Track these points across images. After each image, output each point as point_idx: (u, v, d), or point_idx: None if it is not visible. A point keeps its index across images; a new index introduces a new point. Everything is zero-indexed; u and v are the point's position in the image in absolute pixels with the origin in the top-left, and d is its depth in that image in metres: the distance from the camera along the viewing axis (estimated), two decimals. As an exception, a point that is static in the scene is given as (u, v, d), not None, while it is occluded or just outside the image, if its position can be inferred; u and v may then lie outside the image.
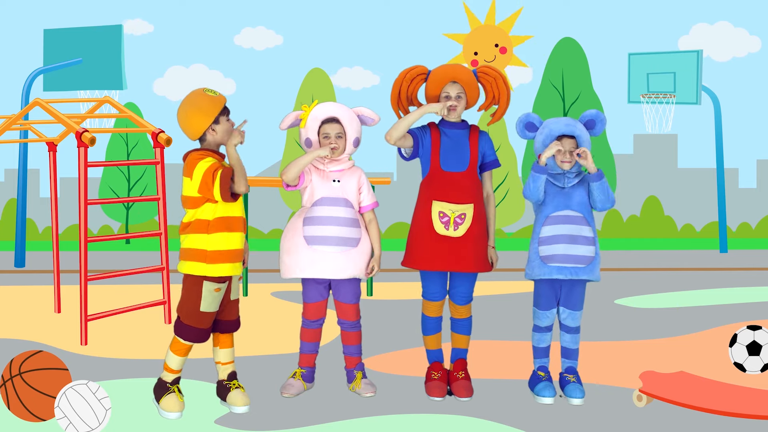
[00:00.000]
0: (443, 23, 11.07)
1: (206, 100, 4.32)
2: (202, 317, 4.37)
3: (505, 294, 7.72)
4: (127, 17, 11.96)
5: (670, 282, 8.71)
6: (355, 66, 12.01)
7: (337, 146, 4.63)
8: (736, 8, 11.99)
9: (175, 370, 4.48)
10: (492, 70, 4.64)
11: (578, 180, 4.69)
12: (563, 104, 11.92)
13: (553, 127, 4.63)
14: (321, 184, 4.67)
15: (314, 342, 4.85)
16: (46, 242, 11.65)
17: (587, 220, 4.63)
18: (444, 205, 4.57)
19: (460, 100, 4.61)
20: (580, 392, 4.63)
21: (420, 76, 4.68)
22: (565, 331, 4.74)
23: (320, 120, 4.66)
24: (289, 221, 4.79)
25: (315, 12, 11.97)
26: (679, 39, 12.00)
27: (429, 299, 4.72)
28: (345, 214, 4.67)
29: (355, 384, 4.83)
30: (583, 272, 4.61)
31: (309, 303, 4.79)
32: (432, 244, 4.59)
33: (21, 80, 10.08)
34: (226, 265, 4.35)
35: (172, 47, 11.96)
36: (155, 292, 7.51)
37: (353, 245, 4.68)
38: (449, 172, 4.59)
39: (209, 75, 12.01)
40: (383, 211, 11.98)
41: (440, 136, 4.61)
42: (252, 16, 12.04)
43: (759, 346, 5.11)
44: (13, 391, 4.20)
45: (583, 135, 4.63)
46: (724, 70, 11.94)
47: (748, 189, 12.22)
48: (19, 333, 6.33)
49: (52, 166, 7.01)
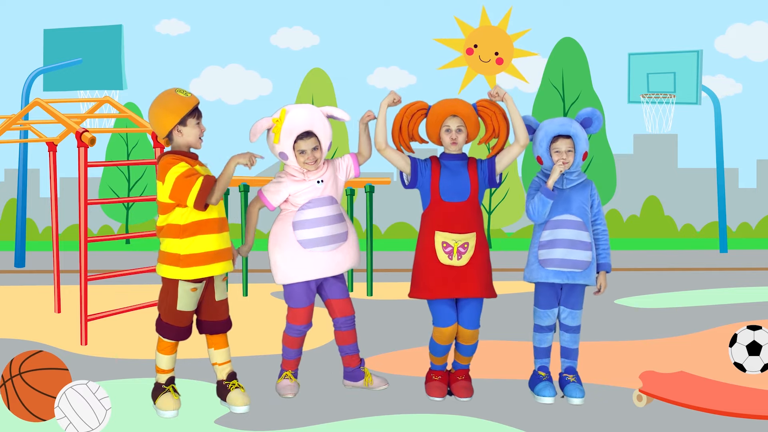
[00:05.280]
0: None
1: (175, 100, 4.33)
2: (179, 316, 4.40)
3: (505, 294, 7.71)
4: (163, 17, 11.99)
5: (670, 282, 8.71)
6: (391, 66, 12.01)
7: (317, 159, 4.64)
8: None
9: (166, 370, 4.50)
10: (491, 104, 4.67)
11: (579, 181, 4.69)
12: (563, 104, 11.91)
13: (549, 128, 4.66)
14: (306, 188, 4.68)
15: (300, 348, 4.87)
16: (46, 242, 11.66)
17: (586, 225, 4.64)
18: (447, 235, 4.59)
19: (460, 134, 4.63)
20: (580, 392, 4.63)
21: (420, 111, 4.70)
22: (564, 331, 4.74)
23: (294, 135, 4.62)
24: (274, 226, 4.76)
25: (352, 12, 11.96)
26: (715, 39, 12.01)
27: (440, 326, 4.66)
28: (332, 211, 4.71)
29: (367, 380, 4.85)
30: (580, 276, 4.62)
31: (301, 308, 4.76)
32: (437, 274, 4.60)
33: (21, 80, 10.08)
34: (201, 268, 4.35)
35: (208, 47, 11.97)
36: (155, 292, 7.46)
37: (343, 240, 4.73)
38: (450, 202, 4.60)
39: (245, 75, 12.03)
40: (383, 211, 12.04)
41: (440, 168, 4.64)
42: (289, 16, 12.04)
43: (759, 346, 5.11)
44: (13, 391, 4.20)
45: (580, 134, 4.64)
46: (762, 70, 11.95)
47: (748, 189, 12.22)
48: (19, 333, 6.33)
49: (52, 166, 7.01)
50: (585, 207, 4.66)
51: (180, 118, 4.32)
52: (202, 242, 4.34)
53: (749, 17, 12.08)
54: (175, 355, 4.53)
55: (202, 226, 4.34)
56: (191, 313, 4.44)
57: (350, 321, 4.85)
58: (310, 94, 11.96)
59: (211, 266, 4.37)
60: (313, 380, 5.03)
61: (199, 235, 4.33)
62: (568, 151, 4.61)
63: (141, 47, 11.75)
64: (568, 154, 4.61)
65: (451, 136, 4.61)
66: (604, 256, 4.75)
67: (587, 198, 4.68)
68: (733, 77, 12.09)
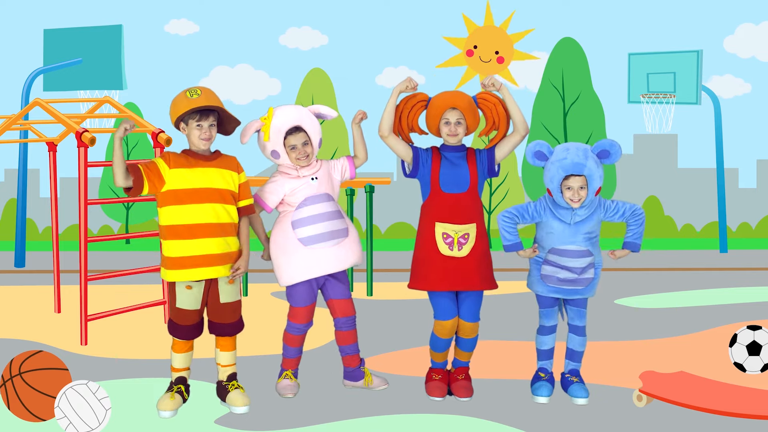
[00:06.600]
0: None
1: (179, 98, 4.40)
2: (180, 314, 4.42)
3: (506, 294, 7.71)
4: (173, 17, 12.00)
5: (670, 282, 8.71)
6: (400, 66, 12.01)
7: (308, 155, 4.66)
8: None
9: (176, 368, 4.53)
10: (491, 96, 4.66)
11: (588, 214, 4.54)
12: (563, 104, 11.92)
13: (563, 165, 4.45)
14: (300, 185, 4.69)
15: (301, 346, 4.87)
16: (46, 242, 11.66)
17: (592, 250, 4.59)
18: (447, 226, 4.59)
19: (459, 126, 4.62)
20: (584, 392, 4.63)
21: (420, 103, 4.70)
22: (573, 333, 4.73)
23: (284, 132, 4.66)
24: (274, 229, 4.77)
25: (360, 12, 11.97)
26: (724, 39, 12.01)
27: (441, 318, 4.66)
28: (330, 208, 4.71)
29: (367, 380, 4.86)
30: (581, 292, 4.62)
31: (303, 307, 4.76)
32: (437, 265, 4.60)
33: (21, 80, 10.09)
34: (182, 272, 4.36)
35: (217, 47, 12.00)
36: (155, 292, 7.51)
37: (344, 236, 4.73)
38: (450, 193, 4.60)
39: (254, 75, 12.06)
40: (383, 211, 12.04)
41: (441, 160, 4.64)
42: (297, 16, 12.06)
43: (759, 346, 5.11)
44: (13, 391, 4.20)
45: (594, 172, 4.44)
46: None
47: (748, 189, 12.22)
48: (19, 333, 6.33)
49: (52, 166, 7.01)
50: (592, 234, 4.56)
51: (176, 118, 4.37)
52: (178, 247, 4.36)
53: (758, 17, 12.08)
54: (188, 355, 4.54)
55: (176, 231, 4.36)
56: (195, 312, 4.44)
57: (351, 321, 4.85)
58: (310, 94, 11.96)
59: (193, 270, 4.37)
60: (313, 380, 5.03)
61: (175, 240, 4.36)
62: (581, 188, 4.46)
63: (150, 47, 11.77)
64: (580, 191, 4.46)
65: (450, 129, 4.61)
66: (634, 237, 4.60)
67: (596, 223, 4.57)
68: (741, 77, 12.10)
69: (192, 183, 4.35)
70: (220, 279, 4.45)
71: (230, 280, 4.48)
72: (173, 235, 4.36)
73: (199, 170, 4.39)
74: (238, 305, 4.55)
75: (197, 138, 4.39)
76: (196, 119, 4.37)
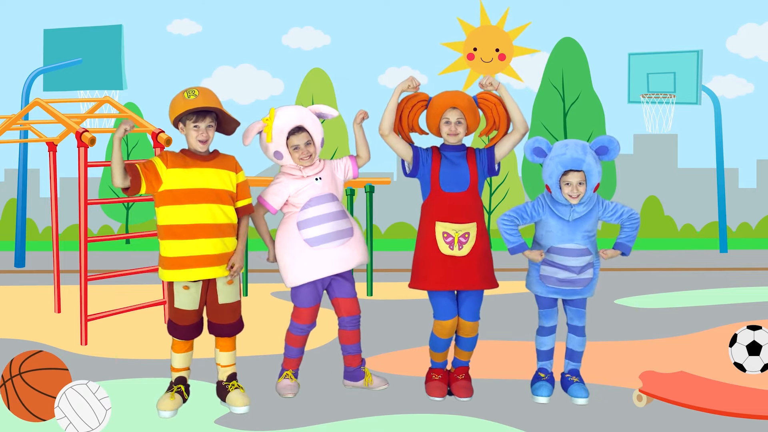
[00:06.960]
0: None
1: (177, 99, 4.41)
2: (179, 314, 4.43)
3: (506, 294, 7.71)
4: (175, 17, 12.01)
5: (670, 282, 8.71)
6: (403, 66, 12.02)
7: (311, 154, 4.67)
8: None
9: (176, 368, 4.53)
10: (492, 96, 4.66)
11: (586, 211, 4.55)
12: (563, 104, 11.92)
13: (561, 161, 4.46)
14: (305, 186, 4.68)
15: (303, 347, 4.87)
16: (46, 242, 11.66)
17: (590, 249, 4.59)
18: (447, 225, 4.59)
19: (459, 126, 4.62)
20: (584, 392, 4.63)
21: (421, 102, 4.70)
22: (573, 333, 4.73)
23: (286, 132, 4.65)
24: (279, 230, 4.76)
25: (363, 12, 11.97)
26: (726, 39, 12.01)
27: (441, 318, 4.66)
28: (335, 208, 4.71)
29: (367, 380, 4.86)
30: (580, 293, 4.62)
31: (307, 307, 4.76)
32: (438, 264, 4.60)
33: (21, 80, 10.09)
34: (178, 272, 4.37)
35: (219, 47, 12.01)
36: (155, 292, 7.51)
37: (350, 235, 4.73)
38: (450, 193, 4.60)
39: (257, 75, 12.07)
40: (383, 211, 12.04)
41: (441, 159, 4.64)
42: (300, 16, 12.07)
43: (759, 346, 5.11)
44: (13, 391, 4.20)
45: (593, 167, 4.46)
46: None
47: (748, 189, 12.22)
48: (19, 333, 6.33)
49: (52, 166, 7.01)
50: (590, 232, 4.57)
51: (173, 118, 4.40)
52: (174, 247, 4.36)
53: (761, 17, 12.09)
54: (188, 355, 4.54)
55: (173, 231, 4.36)
56: (192, 313, 4.44)
57: (355, 321, 4.85)
58: (310, 94, 11.96)
59: (187, 271, 4.37)
60: (313, 380, 5.03)
61: (171, 240, 4.36)
62: (580, 183, 4.46)
63: (153, 47, 11.78)
64: (579, 187, 4.47)
65: (450, 128, 4.61)
66: (627, 239, 4.59)
67: (594, 221, 4.57)
68: (744, 77, 12.10)
69: (189, 183, 4.35)
70: (219, 280, 4.45)
71: (229, 281, 4.47)
72: (170, 235, 4.36)
73: (196, 170, 4.39)
74: (238, 306, 4.55)
75: (194, 139, 4.39)
76: (193, 120, 4.37)
